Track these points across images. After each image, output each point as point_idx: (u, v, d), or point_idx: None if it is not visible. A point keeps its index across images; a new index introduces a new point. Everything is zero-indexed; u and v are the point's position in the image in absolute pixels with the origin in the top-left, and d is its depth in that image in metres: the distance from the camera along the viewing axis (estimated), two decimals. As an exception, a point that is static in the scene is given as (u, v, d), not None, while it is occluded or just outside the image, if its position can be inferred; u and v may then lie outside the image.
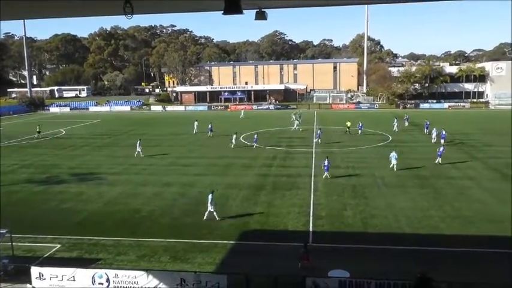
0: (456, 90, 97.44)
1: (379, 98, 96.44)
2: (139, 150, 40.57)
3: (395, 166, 33.04)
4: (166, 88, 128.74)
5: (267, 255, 18.90)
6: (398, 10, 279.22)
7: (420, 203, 25.29)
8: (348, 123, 52.78)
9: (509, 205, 24.45)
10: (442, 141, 42.39)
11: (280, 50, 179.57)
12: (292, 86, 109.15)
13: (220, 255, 19.08)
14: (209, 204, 22.95)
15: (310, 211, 24.30)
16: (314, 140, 46.18)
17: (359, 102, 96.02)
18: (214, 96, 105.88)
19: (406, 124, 57.65)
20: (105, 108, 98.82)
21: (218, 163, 37.34)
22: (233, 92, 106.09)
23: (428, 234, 20.89)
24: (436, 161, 35.09)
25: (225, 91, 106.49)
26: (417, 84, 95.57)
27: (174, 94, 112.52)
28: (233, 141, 44.53)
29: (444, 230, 21.31)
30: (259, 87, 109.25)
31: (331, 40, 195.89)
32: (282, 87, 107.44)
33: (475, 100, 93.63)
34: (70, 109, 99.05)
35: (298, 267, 16.85)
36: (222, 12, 11.32)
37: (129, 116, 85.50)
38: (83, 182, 31.87)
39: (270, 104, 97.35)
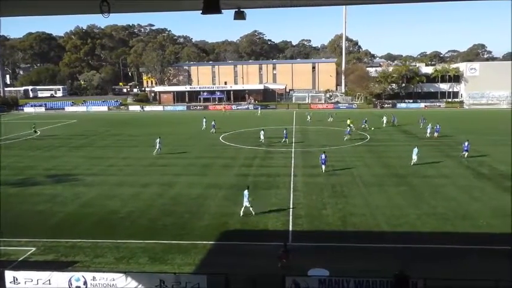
0: (432, 90, 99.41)
1: (357, 98, 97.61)
2: (159, 148, 40.84)
3: (413, 161, 34.45)
4: (145, 88, 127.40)
5: (246, 255, 18.88)
6: (376, 11, 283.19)
7: (397, 201, 25.69)
8: (348, 121, 53.09)
9: (482, 202, 25.14)
10: (436, 134, 46.79)
11: (260, 50, 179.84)
12: (272, 86, 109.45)
13: (200, 255, 18.98)
14: (245, 200, 23.19)
15: (289, 210, 24.40)
16: (282, 140, 46.27)
17: (337, 102, 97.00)
18: (193, 96, 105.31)
19: (422, 125, 55.37)
20: (81, 109, 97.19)
21: (197, 163, 37.16)
22: (212, 92, 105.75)
23: (405, 231, 21.25)
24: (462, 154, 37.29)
25: (204, 91, 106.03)
26: (394, 84, 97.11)
27: (153, 94, 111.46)
28: (261, 137, 46.29)
29: (421, 228, 21.70)
30: (239, 87, 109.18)
31: (310, 40, 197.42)
32: (261, 87, 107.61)
33: (450, 100, 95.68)
34: (45, 109, 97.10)
35: (278, 266, 16.92)
36: (201, 11, 11.29)
37: (107, 116, 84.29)
38: (59, 183, 31.27)
39: (250, 104, 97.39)
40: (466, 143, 37.59)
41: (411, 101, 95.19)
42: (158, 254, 19.07)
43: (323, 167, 32.82)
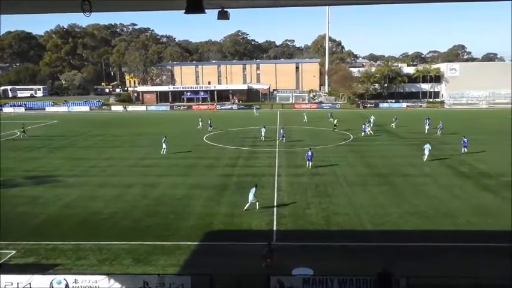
0: (413, 90, 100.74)
1: (341, 98, 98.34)
2: (165, 147, 40.72)
3: (425, 157, 35.94)
4: (127, 88, 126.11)
5: (231, 255, 18.87)
6: (359, 11, 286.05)
7: (380, 200, 25.97)
8: (335, 121, 55.41)
9: (462, 200, 25.60)
10: (439, 132, 48.75)
11: (243, 50, 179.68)
12: (255, 86, 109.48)
13: (184, 256, 18.89)
14: (251, 196, 24.00)
15: (273, 210, 24.46)
16: (278, 140, 46.50)
17: (321, 102, 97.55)
18: (177, 96, 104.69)
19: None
20: (62, 109, 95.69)
21: (181, 163, 36.97)
22: (196, 92, 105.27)
23: (388, 230, 21.51)
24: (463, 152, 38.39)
25: (187, 91, 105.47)
26: (377, 84, 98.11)
27: (136, 94, 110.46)
28: (262, 134, 47.56)
29: (403, 226, 21.98)
30: (222, 87, 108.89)
31: (293, 41, 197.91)
32: (245, 87, 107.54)
33: (431, 100, 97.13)
34: (25, 109, 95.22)
35: (263, 266, 16.96)
36: (184, 11, 11.23)
37: (89, 116, 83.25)
38: (39, 184, 30.75)
39: (234, 103, 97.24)
40: (465, 140, 38.81)
41: (393, 101, 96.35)
42: (142, 255, 18.92)
43: (310, 163, 33.84)
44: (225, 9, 12.54)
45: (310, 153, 34.23)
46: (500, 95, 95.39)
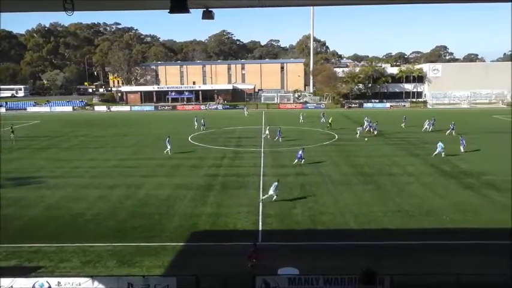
0: (397, 90, 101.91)
1: (325, 98, 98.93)
2: (169, 148, 40.32)
3: (438, 154, 37.25)
4: (111, 88, 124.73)
5: (216, 256, 18.83)
6: (343, 12, 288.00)
7: (365, 199, 26.19)
8: (330, 120, 57.20)
9: (445, 199, 25.99)
10: (453, 132, 49.21)
11: (228, 50, 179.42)
12: (240, 86, 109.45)
13: (170, 257, 18.78)
14: (272, 189, 25.01)
15: (259, 210, 24.47)
16: (275, 139, 46.70)
17: (306, 102, 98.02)
18: (161, 96, 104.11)
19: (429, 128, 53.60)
20: (45, 109, 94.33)
21: (166, 164, 36.75)
22: (180, 92, 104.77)
23: (372, 228, 21.70)
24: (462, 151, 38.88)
25: (172, 91, 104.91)
26: (361, 85, 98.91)
27: (119, 94, 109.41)
28: (267, 132, 48.70)
29: (387, 224, 22.21)
30: (207, 87, 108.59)
31: (278, 41, 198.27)
32: (230, 87, 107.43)
33: (414, 100, 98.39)
34: (6, 109, 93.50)
35: (248, 266, 16.95)
36: (168, 10, 11.17)
37: (71, 116, 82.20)
38: (22, 186, 30.23)
39: (219, 103, 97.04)
40: (463, 140, 39.55)
41: (377, 101, 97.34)
42: (126, 257, 18.74)
43: (299, 161, 34.96)
44: (209, 9, 12.52)
45: (301, 152, 35.38)
46: (481, 95, 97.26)
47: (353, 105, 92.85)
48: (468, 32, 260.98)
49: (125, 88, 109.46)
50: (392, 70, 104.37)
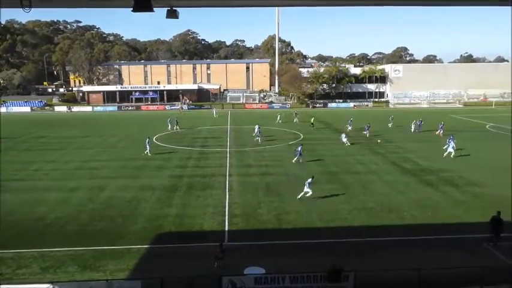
0: (360, 90, 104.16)
1: (291, 98, 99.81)
2: (148, 148, 39.76)
3: (451, 154, 37.34)
4: (72, 88, 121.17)
5: (183, 257, 18.61)
6: (307, 12, 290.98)
7: (330, 198, 26.54)
8: (312, 120, 58.47)
9: (406, 195, 26.74)
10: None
11: (193, 50, 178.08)
12: (206, 86, 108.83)
13: (134, 260, 18.41)
14: (306, 186, 25.42)
15: (225, 210, 24.40)
16: (255, 139, 46.58)
17: (271, 102, 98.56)
18: (125, 96, 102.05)
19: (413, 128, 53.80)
20: (0, 109, 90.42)
21: (130, 165, 36.04)
22: (145, 92, 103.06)
23: (338, 226, 22.04)
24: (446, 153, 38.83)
25: (136, 91, 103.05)
26: (325, 85, 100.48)
27: (81, 94, 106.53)
28: (256, 130, 47.84)
29: (352, 222, 22.62)
30: (172, 87, 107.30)
31: (244, 41, 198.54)
32: (195, 87, 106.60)
33: (377, 100, 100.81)
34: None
35: (215, 266, 16.88)
36: (132, 9, 10.96)
37: (30, 117, 79.28)
38: (-24, 190, 28.86)
39: (184, 104, 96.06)
40: (451, 140, 39.92)
41: (341, 100, 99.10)
42: (89, 261, 18.23)
43: (299, 158, 35.66)
44: (174, 8, 12.37)
45: (300, 148, 36.32)
46: (440, 95, 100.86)
47: (318, 105, 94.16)
48: (427, 34, 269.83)
49: (86, 88, 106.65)
50: (356, 70, 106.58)
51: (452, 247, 19.21)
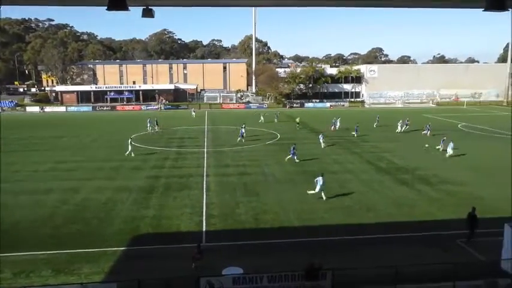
0: (336, 90, 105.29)
1: (268, 98, 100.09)
2: (130, 149, 39.07)
3: (449, 154, 37.77)
4: (44, 87, 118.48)
5: (160, 259, 18.38)
6: (284, 13, 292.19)
7: (307, 197, 26.63)
8: (297, 119, 58.99)
9: (382, 194, 27.14)
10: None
11: (169, 49, 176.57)
12: (183, 86, 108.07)
13: (110, 262, 18.08)
14: (318, 185, 25.46)
15: (202, 211, 24.24)
16: (238, 139, 46.32)
17: (249, 102, 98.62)
18: (100, 96, 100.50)
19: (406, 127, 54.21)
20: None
21: (105, 166, 35.44)
22: (120, 92, 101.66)
23: (315, 225, 22.18)
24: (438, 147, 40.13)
25: (111, 91, 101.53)
26: (302, 85, 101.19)
27: (54, 94, 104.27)
28: (243, 130, 47.18)
29: (329, 221, 22.79)
30: (148, 87, 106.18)
31: (221, 40, 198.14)
32: (171, 87, 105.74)
33: (352, 100, 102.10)
34: None
35: (192, 267, 16.75)
36: (106, 7, 10.79)
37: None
38: None
39: (161, 104, 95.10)
40: (443, 140, 40.83)
41: (318, 100, 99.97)
42: (63, 265, 17.80)
43: (292, 157, 35.94)
44: (149, 7, 12.24)
45: (292, 148, 36.45)
46: (413, 95, 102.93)
47: (295, 105, 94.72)
48: (401, 35, 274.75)
49: (59, 88, 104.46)
50: (332, 71, 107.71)
51: (427, 244, 19.58)
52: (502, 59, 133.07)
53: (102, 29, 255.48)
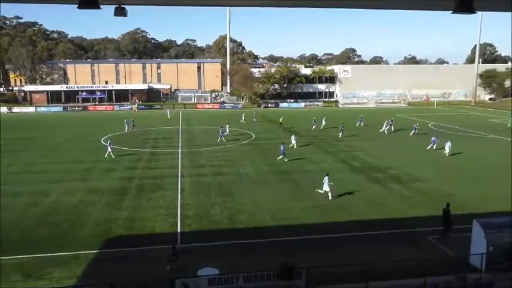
0: (311, 90, 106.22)
1: (242, 98, 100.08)
2: (110, 150, 38.29)
3: (446, 152, 38.43)
4: (12, 87, 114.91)
5: (134, 261, 18.13)
6: (258, 13, 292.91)
7: (282, 197, 26.84)
8: (280, 119, 59.75)
9: (356, 193, 27.52)
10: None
11: (143, 49, 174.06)
12: (156, 86, 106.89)
13: (82, 266, 17.70)
14: (326, 184, 25.68)
15: (177, 212, 24.04)
16: (218, 139, 46.06)
17: (223, 102, 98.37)
18: (71, 96, 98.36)
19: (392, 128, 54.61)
20: None
21: (77, 168, 34.69)
22: (92, 92, 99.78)
23: (290, 225, 22.31)
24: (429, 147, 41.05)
25: (82, 91, 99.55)
26: (277, 85, 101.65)
27: (22, 94, 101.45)
28: (227, 130, 48.62)
29: (304, 220, 22.97)
30: (121, 86, 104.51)
31: (195, 40, 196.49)
32: (145, 86, 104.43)
33: (326, 99, 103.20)
34: None
35: (167, 269, 16.60)
36: (77, 5, 10.56)
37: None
38: None
39: (134, 104, 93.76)
40: (434, 138, 41.76)
41: (292, 100, 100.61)
42: (33, 269, 17.33)
43: (284, 156, 36.47)
44: (122, 6, 12.04)
45: (282, 147, 37.13)
46: (386, 95, 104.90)
47: (269, 105, 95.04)
48: (374, 36, 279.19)
49: (28, 87, 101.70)
50: (306, 71, 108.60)
51: (399, 241, 19.98)
52: (470, 60, 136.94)
53: (73, 28, 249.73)
